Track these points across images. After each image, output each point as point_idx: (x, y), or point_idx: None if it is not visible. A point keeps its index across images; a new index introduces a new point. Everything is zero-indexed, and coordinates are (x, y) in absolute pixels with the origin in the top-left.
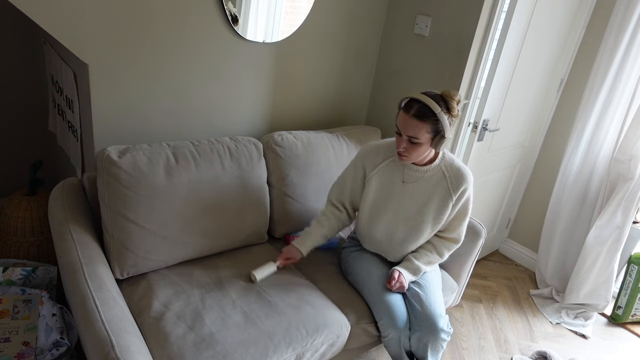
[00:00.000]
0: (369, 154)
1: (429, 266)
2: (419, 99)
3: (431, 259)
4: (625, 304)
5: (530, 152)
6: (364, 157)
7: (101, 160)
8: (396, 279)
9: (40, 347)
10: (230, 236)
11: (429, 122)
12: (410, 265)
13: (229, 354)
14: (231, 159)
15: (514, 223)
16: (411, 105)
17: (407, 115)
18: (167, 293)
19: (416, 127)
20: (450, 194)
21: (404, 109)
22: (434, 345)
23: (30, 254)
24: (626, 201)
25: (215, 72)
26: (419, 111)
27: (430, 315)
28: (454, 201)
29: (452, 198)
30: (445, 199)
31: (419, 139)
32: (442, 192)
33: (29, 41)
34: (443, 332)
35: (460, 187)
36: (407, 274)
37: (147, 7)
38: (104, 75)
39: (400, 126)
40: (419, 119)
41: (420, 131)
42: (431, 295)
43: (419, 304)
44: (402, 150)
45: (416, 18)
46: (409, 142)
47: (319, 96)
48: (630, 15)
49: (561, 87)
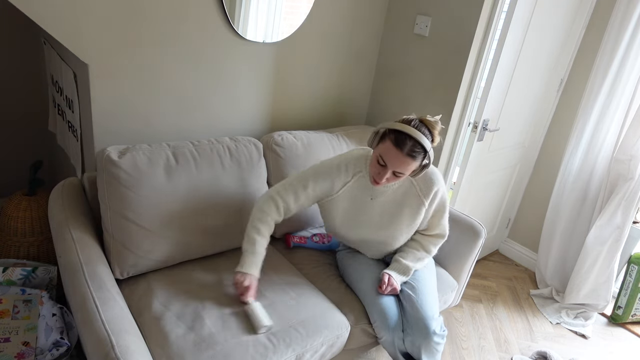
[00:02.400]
0: (338, 170)
1: (419, 263)
2: (411, 135)
3: (419, 256)
4: (625, 304)
5: (530, 152)
6: (332, 174)
7: (101, 160)
8: (386, 282)
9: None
10: (230, 236)
11: (419, 159)
12: (399, 266)
13: (228, 355)
14: (231, 159)
15: (514, 223)
16: (403, 141)
17: (400, 153)
18: (167, 293)
19: (408, 164)
20: (422, 201)
21: (396, 144)
22: (427, 348)
23: (30, 254)
24: (626, 201)
25: (216, 72)
26: (413, 150)
27: (422, 317)
28: (427, 206)
29: (424, 204)
30: (418, 206)
31: (404, 174)
32: (413, 200)
33: (29, 41)
34: (435, 335)
35: (431, 191)
36: (397, 275)
37: (147, 7)
38: (104, 75)
39: (388, 160)
40: (412, 158)
41: (409, 167)
42: (423, 297)
43: (411, 306)
44: (384, 181)
45: (416, 18)
46: (392, 174)
47: (319, 96)
48: (630, 15)
49: (561, 87)
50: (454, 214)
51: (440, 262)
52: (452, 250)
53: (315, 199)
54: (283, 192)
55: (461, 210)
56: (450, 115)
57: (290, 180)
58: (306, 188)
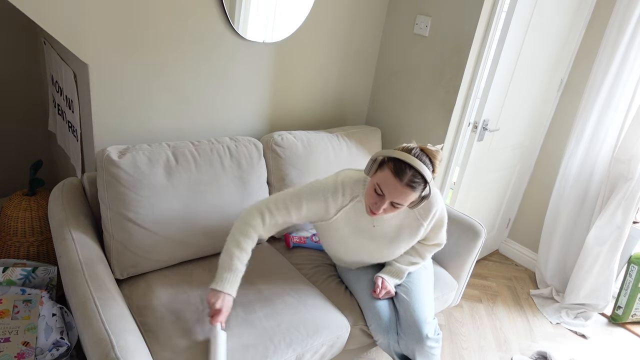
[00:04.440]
0: (335, 191)
1: (412, 266)
2: (411, 164)
3: (413, 261)
4: (625, 304)
5: (530, 152)
6: (327, 195)
7: (101, 160)
8: (380, 286)
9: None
10: None
11: (419, 190)
12: (392, 269)
13: (229, 355)
14: (231, 159)
15: (514, 223)
16: (402, 170)
17: (399, 184)
18: (167, 293)
19: (407, 195)
20: (421, 223)
21: (395, 173)
22: (421, 352)
23: (30, 254)
24: (626, 201)
25: (216, 72)
26: (413, 181)
27: (415, 322)
28: (425, 226)
29: (423, 225)
30: (417, 228)
31: (402, 205)
32: (412, 222)
33: (29, 41)
34: (429, 340)
35: (430, 213)
36: (390, 278)
37: (147, 7)
38: (104, 75)
39: (386, 190)
40: (411, 188)
41: (408, 198)
42: (417, 301)
43: (404, 310)
44: (380, 212)
45: (416, 18)
46: (390, 205)
47: (319, 96)
48: (630, 15)
49: (561, 87)
50: (454, 214)
51: (440, 262)
52: (452, 250)
53: (306, 219)
54: (273, 207)
55: (461, 210)
56: (450, 115)
57: (282, 195)
58: (299, 206)
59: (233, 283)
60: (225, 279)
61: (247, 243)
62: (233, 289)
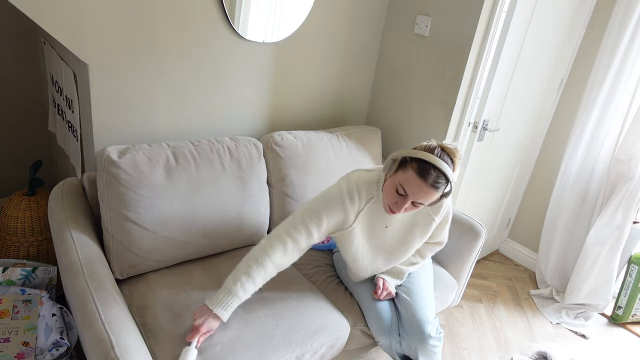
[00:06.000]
0: (350, 196)
1: (413, 267)
2: (435, 165)
3: (413, 261)
4: (625, 304)
5: (530, 152)
6: (345, 201)
7: (101, 160)
8: (381, 287)
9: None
10: (230, 236)
11: (442, 189)
12: (393, 269)
13: (229, 354)
14: (231, 159)
15: (514, 223)
16: (427, 171)
17: (424, 184)
18: (167, 293)
19: (430, 195)
20: (433, 218)
21: (419, 174)
22: (424, 351)
23: (30, 254)
24: (626, 201)
25: (215, 72)
26: (437, 182)
27: (417, 321)
28: (437, 221)
29: (435, 220)
30: (428, 223)
31: (424, 204)
32: (424, 218)
33: (29, 41)
34: (431, 339)
35: (442, 208)
36: (391, 279)
37: (147, 7)
38: (104, 75)
39: (410, 191)
40: (435, 189)
41: (430, 198)
42: (418, 300)
43: (405, 310)
44: (402, 210)
45: (416, 18)
46: (411, 204)
47: (318, 96)
48: (630, 15)
49: (561, 87)
50: (454, 214)
51: (440, 262)
52: (452, 250)
53: (326, 233)
54: (293, 231)
55: (461, 210)
56: (450, 115)
57: (299, 215)
58: (319, 223)
59: (227, 308)
60: (221, 300)
61: (259, 272)
62: (225, 313)
